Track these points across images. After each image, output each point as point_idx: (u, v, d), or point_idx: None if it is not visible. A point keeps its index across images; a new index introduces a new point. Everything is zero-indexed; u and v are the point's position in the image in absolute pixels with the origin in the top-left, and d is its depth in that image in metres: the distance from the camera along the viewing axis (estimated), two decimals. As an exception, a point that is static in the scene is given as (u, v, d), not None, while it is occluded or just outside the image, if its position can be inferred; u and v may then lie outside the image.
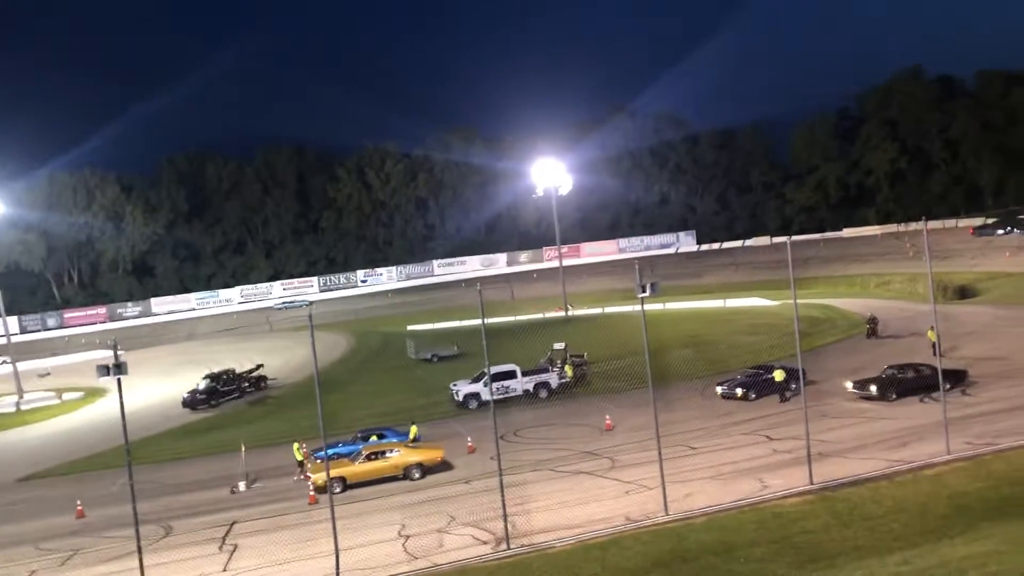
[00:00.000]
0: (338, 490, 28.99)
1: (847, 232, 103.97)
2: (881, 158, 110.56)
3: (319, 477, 29.77)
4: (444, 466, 31.51)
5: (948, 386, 34.40)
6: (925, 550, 18.49)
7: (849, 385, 36.47)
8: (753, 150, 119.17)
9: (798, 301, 28.33)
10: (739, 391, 37.77)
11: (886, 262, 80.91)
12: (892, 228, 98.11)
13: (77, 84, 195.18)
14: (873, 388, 35.19)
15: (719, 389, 38.77)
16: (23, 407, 55.32)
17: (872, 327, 50.28)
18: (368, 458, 30.78)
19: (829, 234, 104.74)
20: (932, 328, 42.25)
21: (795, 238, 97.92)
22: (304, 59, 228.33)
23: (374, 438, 33.95)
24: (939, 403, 27.62)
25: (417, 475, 30.72)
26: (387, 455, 31.04)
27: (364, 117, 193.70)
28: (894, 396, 34.66)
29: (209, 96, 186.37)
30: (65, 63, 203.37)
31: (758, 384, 37.87)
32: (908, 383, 35.22)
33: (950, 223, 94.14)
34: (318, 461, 32.59)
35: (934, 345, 41.15)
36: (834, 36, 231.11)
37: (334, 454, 32.72)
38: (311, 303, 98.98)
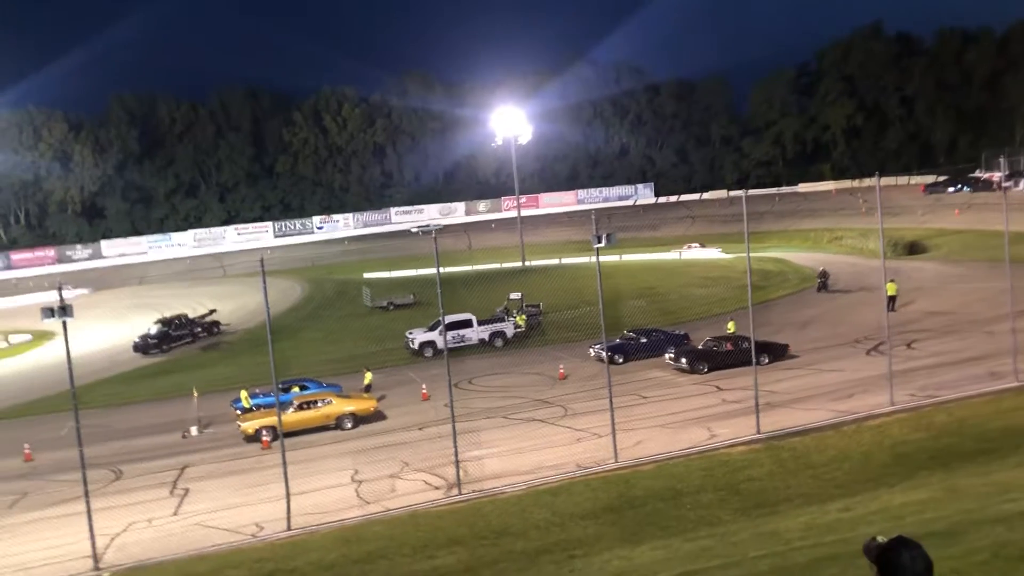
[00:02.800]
0: (265, 439, 29.06)
1: (802, 187, 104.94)
2: (838, 114, 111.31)
3: (249, 426, 29.79)
4: (377, 416, 31.55)
5: (766, 360, 33.79)
6: (866, 497, 18.99)
7: (667, 357, 35.44)
8: (713, 103, 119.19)
9: (752, 255, 28.62)
10: (605, 353, 37.28)
11: (839, 217, 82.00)
12: (847, 184, 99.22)
13: (22, 18, 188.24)
14: (684, 360, 34.35)
15: (591, 351, 37.90)
16: (-32, 350, 54.29)
17: (823, 281, 51.17)
18: (300, 408, 30.51)
19: (785, 189, 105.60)
20: (892, 281, 43.17)
21: (751, 192, 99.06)
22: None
23: (296, 389, 33.14)
24: (885, 356, 28.20)
25: (349, 425, 30.61)
26: (319, 405, 30.82)
27: (321, 60, 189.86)
28: (705, 369, 33.81)
29: (161, 33, 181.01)
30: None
31: (626, 348, 37.38)
32: (722, 356, 34.14)
33: (903, 180, 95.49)
34: (238, 412, 32.62)
35: (892, 299, 42.11)
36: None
37: (260, 404, 32.72)
38: (441, 227, 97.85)
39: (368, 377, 35.29)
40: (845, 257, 64.47)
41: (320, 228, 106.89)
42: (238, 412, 32.83)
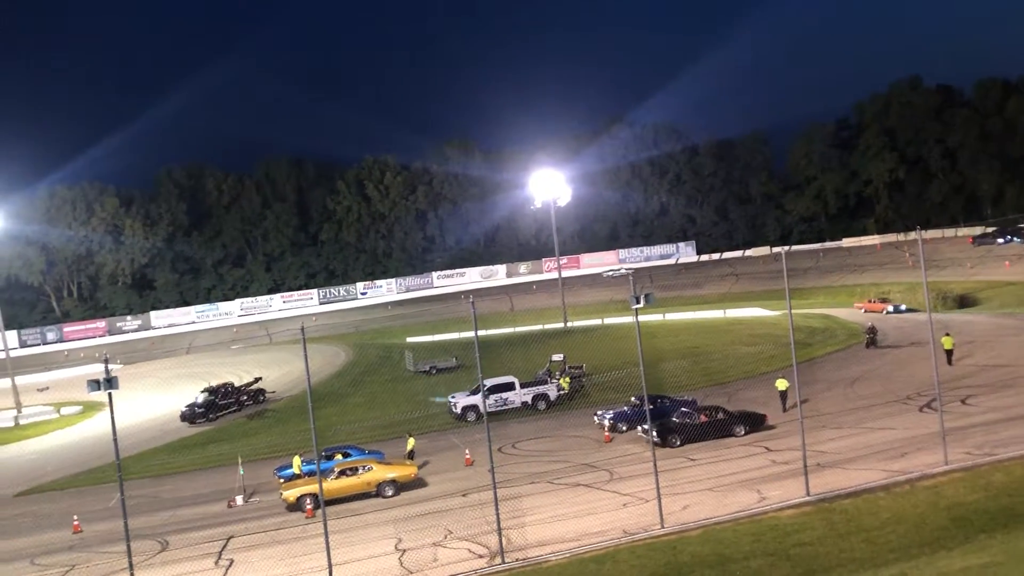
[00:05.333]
0: (309, 507, 29.10)
1: (846, 242, 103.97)
2: (880, 168, 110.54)
3: (291, 494, 29.80)
4: (418, 483, 31.40)
5: (743, 431, 33.12)
6: (922, 562, 18.37)
7: (640, 429, 34.12)
8: (752, 160, 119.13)
9: (798, 311, 28.26)
10: (607, 421, 36.31)
11: (885, 272, 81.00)
12: (892, 238, 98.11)
13: (76, 97, 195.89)
14: (655, 433, 31.82)
15: (595, 418, 37.38)
16: (22, 421, 55.29)
17: (871, 337, 50.30)
18: (341, 475, 30.48)
19: (828, 244, 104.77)
20: (948, 335, 42.50)
21: (794, 248, 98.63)
22: (303, 72, 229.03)
23: (339, 456, 33.09)
24: (937, 412, 27.47)
25: (390, 492, 30.45)
26: (359, 472, 30.73)
27: (363, 130, 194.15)
28: (678, 442, 32.57)
29: (208, 109, 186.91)
30: (64, 76, 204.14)
31: (630, 416, 36.11)
32: (695, 429, 32.98)
33: (949, 232, 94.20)
34: (281, 480, 32.72)
35: (949, 352, 41.44)
36: (833, 46, 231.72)
37: (305, 472, 32.76)
38: (631, 271, 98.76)
39: (411, 443, 35.18)
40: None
41: (364, 294, 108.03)
42: (281, 480, 32.90)
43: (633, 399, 37.10)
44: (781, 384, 37.51)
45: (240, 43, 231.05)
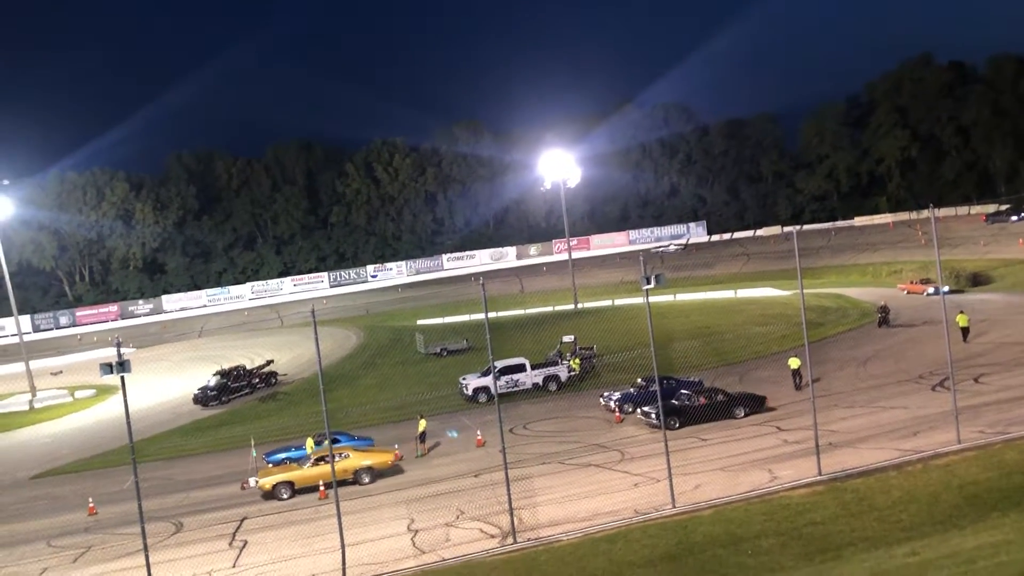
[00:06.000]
0: (286, 495, 29.53)
1: (858, 221, 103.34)
2: (892, 145, 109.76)
3: (267, 482, 30.01)
4: (396, 470, 31.43)
5: (742, 413, 33.05)
6: (934, 540, 18.34)
7: (639, 412, 34.20)
8: (763, 140, 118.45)
9: (809, 291, 28.14)
10: (613, 403, 36.24)
11: (898, 250, 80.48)
12: (904, 216, 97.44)
13: (86, 83, 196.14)
14: (654, 415, 31.79)
15: (601, 400, 37.45)
16: (36, 405, 55.63)
17: (883, 316, 50.06)
18: (318, 462, 30.56)
19: (840, 223, 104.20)
20: (963, 312, 42.38)
21: (806, 227, 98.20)
22: (311, 55, 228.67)
23: (327, 442, 33.52)
24: (949, 391, 27.35)
25: (367, 479, 30.52)
26: (336, 459, 30.82)
27: (371, 112, 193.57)
28: (677, 424, 32.04)
29: (217, 93, 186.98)
30: (74, 63, 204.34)
31: (636, 398, 35.75)
32: (695, 411, 32.70)
33: (962, 210, 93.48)
34: (269, 465, 32.96)
35: (965, 330, 41.39)
36: (843, 25, 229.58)
37: (286, 458, 32.95)
38: (686, 245, 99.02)
39: (422, 424, 35.23)
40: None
41: (374, 276, 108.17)
42: (269, 465, 33.13)
43: (639, 380, 37.18)
44: (793, 363, 37.43)
45: (248, 27, 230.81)
